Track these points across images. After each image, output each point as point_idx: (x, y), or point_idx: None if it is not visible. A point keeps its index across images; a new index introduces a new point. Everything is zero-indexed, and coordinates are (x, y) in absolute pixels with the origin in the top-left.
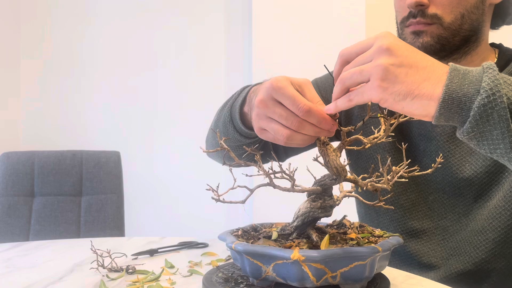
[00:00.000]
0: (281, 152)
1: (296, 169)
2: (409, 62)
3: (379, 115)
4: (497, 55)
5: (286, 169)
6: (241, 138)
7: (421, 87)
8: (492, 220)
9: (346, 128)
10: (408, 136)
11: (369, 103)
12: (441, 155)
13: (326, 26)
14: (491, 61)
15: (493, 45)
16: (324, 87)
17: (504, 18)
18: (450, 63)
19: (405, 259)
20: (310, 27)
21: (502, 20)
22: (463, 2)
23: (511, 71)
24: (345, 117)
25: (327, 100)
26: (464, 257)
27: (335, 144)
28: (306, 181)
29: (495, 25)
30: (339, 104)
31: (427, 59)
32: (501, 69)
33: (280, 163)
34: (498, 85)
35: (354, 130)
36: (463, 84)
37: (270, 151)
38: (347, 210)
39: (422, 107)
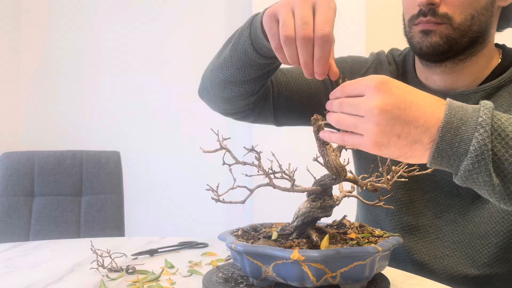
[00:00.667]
0: (281, 114)
1: (296, 169)
2: (404, 120)
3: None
4: (501, 56)
5: (286, 169)
6: (260, 58)
7: (412, 150)
8: (495, 224)
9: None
10: None
11: None
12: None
13: None
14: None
15: (496, 45)
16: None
17: (510, 21)
18: (447, 104)
19: (398, 256)
20: None
21: (507, 23)
22: (473, 3)
23: None
24: None
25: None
26: (466, 260)
27: (335, 144)
28: (306, 181)
29: (500, 27)
30: (332, 139)
31: (421, 112)
32: (504, 70)
33: (280, 163)
34: (485, 152)
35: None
36: (454, 142)
37: (271, 111)
38: (347, 210)
39: (416, 162)
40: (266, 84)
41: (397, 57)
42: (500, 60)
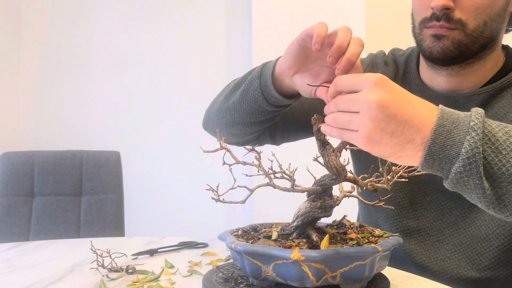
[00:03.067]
0: (278, 136)
1: (296, 169)
2: (399, 119)
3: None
4: (504, 57)
5: (286, 169)
6: (268, 106)
7: (404, 149)
8: (496, 227)
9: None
10: None
11: None
12: None
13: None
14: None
15: (501, 47)
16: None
17: None
18: (440, 109)
19: (399, 258)
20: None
21: None
22: (488, 10)
23: None
24: None
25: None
26: (467, 263)
27: (335, 144)
28: (306, 181)
29: (507, 30)
30: (332, 133)
31: (416, 113)
32: (507, 71)
33: (280, 163)
34: (477, 154)
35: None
36: (446, 145)
37: (268, 135)
38: (347, 210)
39: (406, 163)
40: None
41: (399, 57)
42: (504, 61)
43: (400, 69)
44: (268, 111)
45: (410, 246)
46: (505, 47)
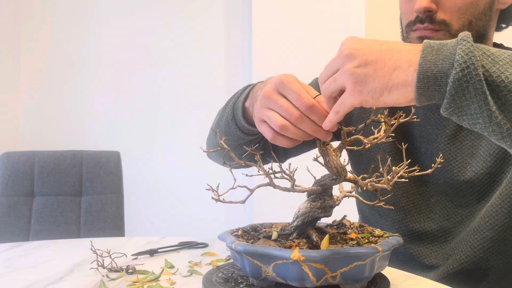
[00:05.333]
0: (281, 153)
1: (296, 169)
2: (373, 58)
3: (379, 115)
4: None
5: (286, 169)
6: (243, 135)
7: (393, 78)
8: (488, 218)
9: (347, 128)
10: (409, 138)
11: (373, 108)
12: (441, 155)
13: (326, 25)
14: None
15: (495, 44)
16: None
17: (509, 22)
18: (425, 40)
19: (407, 261)
20: (310, 26)
21: (506, 24)
22: (471, 9)
23: None
24: (345, 118)
25: None
26: (461, 256)
27: (335, 144)
28: (306, 181)
29: (498, 28)
30: (330, 119)
31: (392, 48)
32: None
33: (280, 163)
34: (472, 57)
35: (355, 131)
36: (437, 60)
37: (270, 151)
38: (347, 210)
39: (402, 96)
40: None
41: None
42: None
43: None
44: (241, 137)
45: (418, 248)
46: (499, 46)
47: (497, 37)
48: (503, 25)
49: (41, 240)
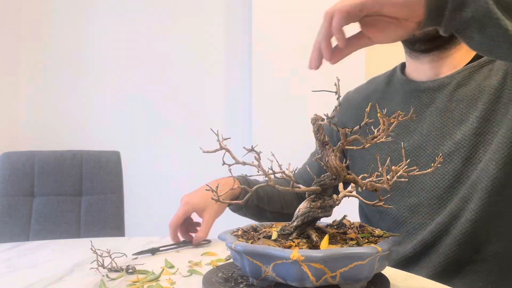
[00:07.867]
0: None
1: (296, 169)
2: None
3: (378, 114)
4: None
5: (286, 169)
6: None
7: None
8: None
9: (343, 130)
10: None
11: (367, 110)
12: (440, 155)
13: None
14: None
15: None
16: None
17: None
18: None
19: (420, 261)
20: (310, 25)
21: None
22: None
23: None
24: (341, 126)
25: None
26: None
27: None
28: None
29: None
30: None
31: None
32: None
33: (280, 163)
34: None
35: (351, 133)
36: None
37: (266, 212)
38: (347, 210)
39: None
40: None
41: (382, 75)
42: None
43: (380, 85)
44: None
45: (413, 220)
46: None
47: None
48: None
49: (41, 240)
